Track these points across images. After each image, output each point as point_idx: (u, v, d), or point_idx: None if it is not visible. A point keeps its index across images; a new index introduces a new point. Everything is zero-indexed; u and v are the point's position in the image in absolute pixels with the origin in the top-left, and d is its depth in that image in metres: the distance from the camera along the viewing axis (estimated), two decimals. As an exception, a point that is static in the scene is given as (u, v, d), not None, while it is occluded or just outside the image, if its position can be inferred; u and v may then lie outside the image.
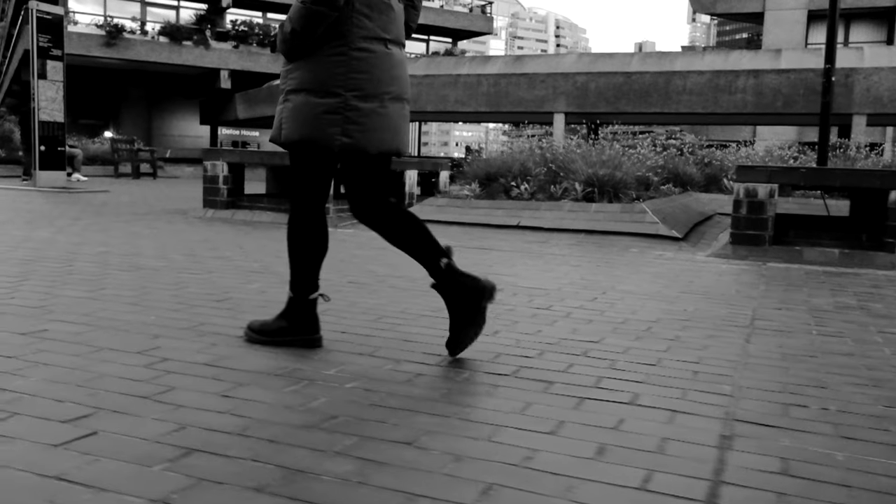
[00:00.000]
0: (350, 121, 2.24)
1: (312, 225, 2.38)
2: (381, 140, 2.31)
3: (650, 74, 19.33)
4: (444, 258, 2.35)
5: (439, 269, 2.34)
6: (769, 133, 25.64)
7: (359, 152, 2.29)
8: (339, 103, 2.23)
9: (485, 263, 4.74)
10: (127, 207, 8.43)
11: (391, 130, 2.33)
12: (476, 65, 22.26)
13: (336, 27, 2.22)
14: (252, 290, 3.51)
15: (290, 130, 2.30)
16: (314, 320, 2.45)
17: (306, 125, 2.26)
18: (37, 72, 11.18)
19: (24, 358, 2.18)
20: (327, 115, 2.24)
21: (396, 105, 2.35)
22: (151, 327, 2.64)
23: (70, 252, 4.53)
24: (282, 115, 2.33)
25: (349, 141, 2.25)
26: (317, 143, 2.26)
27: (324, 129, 2.24)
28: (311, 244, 2.39)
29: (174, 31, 28.18)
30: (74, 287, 3.37)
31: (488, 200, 7.20)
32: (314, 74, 2.25)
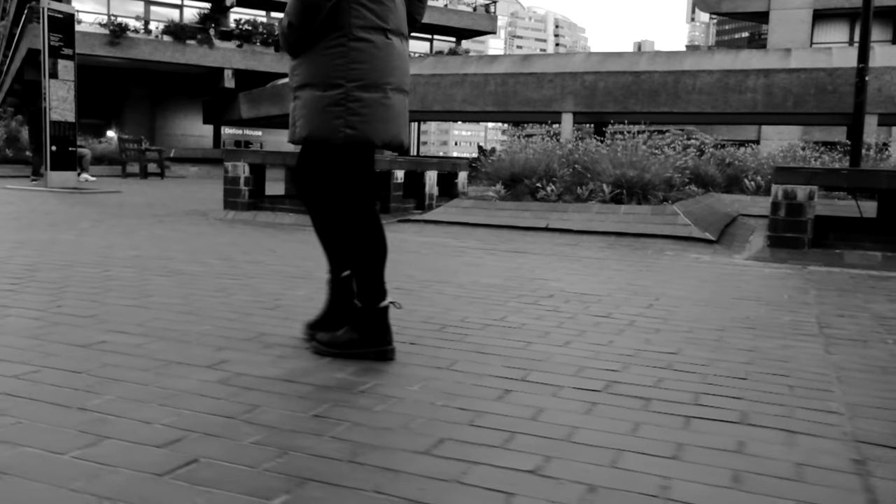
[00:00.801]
0: (353, 112, 2.21)
1: (365, 225, 2.31)
2: (386, 131, 2.28)
3: (659, 74, 19.24)
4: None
5: (338, 277, 2.45)
6: (774, 133, 25.57)
7: (363, 143, 2.25)
8: (341, 94, 2.20)
9: (525, 268, 4.64)
10: (144, 209, 8.31)
11: (395, 121, 2.30)
12: (483, 64, 22.16)
13: (334, 19, 2.20)
14: (299, 297, 3.40)
15: (300, 128, 2.28)
16: (385, 328, 2.34)
17: (313, 120, 2.24)
18: (48, 71, 11.05)
19: (93, 373, 2.08)
20: (331, 108, 2.21)
21: (399, 96, 2.31)
22: (211, 338, 2.54)
23: (102, 256, 4.42)
24: (294, 114, 2.31)
25: (353, 132, 2.22)
26: (324, 139, 2.23)
27: (329, 123, 2.21)
28: (371, 245, 2.31)
29: (178, 30, 28.05)
30: (119, 294, 3.26)
31: (514, 202, 7.09)
32: (316, 68, 2.23)
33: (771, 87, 18.13)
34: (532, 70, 20.80)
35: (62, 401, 1.83)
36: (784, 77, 18.05)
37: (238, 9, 30.24)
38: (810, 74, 17.88)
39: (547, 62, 21.57)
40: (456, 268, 4.55)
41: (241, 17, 29.90)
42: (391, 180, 7.81)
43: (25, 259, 4.19)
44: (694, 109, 18.95)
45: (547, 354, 2.50)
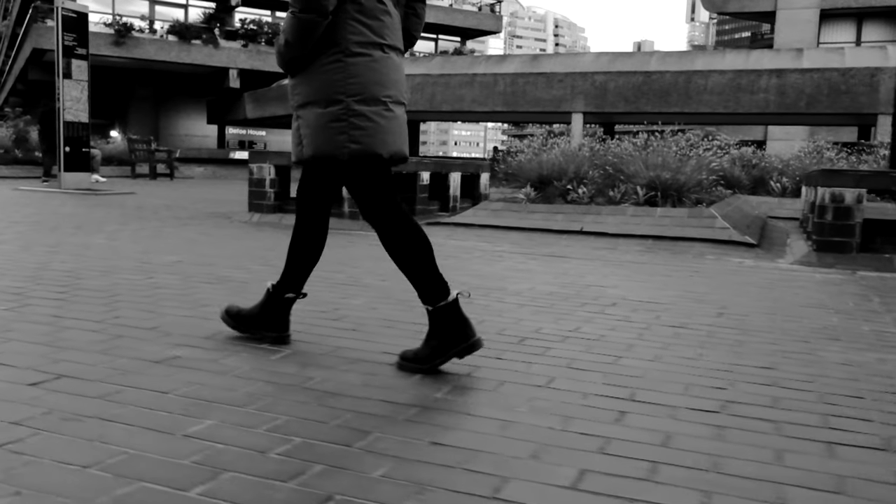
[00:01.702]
0: (355, 126, 2.20)
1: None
2: (391, 142, 2.27)
3: (670, 74, 19.13)
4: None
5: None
6: (781, 133, 25.44)
7: (370, 157, 2.23)
8: (342, 110, 2.20)
9: (573, 273, 4.52)
10: (164, 211, 8.18)
11: (397, 133, 2.30)
12: (492, 64, 22.04)
13: (330, 35, 2.20)
14: (358, 306, 3.28)
15: (307, 147, 2.27)
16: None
17: (317, 139, 2.23)
18: (62, 71, 10.92)
19: (180, 393, 1.95)
20: (333, 124, 2.20)
21: (399, 108, 2.32)
22: (291, 354, 2.41)
23: (141, 262, 4.29)
24: (299, 133, 2.30)
25: (357, 147, 2.20)
26: (329, 156, 2.23)
27: (332, 140, 2.21)
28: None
29: (183, 29, 27.90)
30: (173, 304, 3.13)
31: (545, 204, 6.97)
32: (315, 85, 2.23)
33: (783, 88, 18.02)
34: (542, 70, 20.68)
35: (162, 426, 1.70)
36: (797, 77, 17.94)
37: (243, 8, 30.10)
38: (823, 74, 17.77)
39: (556, 62, 21.44)
40: (502, 273, 4.42)
41: (247, 16, 29.75)
42: (417, 182, 7.68)
43: (64, 265, 4.06)
44: (705, 110, 18.84)
45: (642, 370, 2.37)
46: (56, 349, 2.33)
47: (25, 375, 2.05)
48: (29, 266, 3.97)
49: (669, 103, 19.06)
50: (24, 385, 1.97)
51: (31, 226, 6.08)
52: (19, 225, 6.09)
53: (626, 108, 19.62)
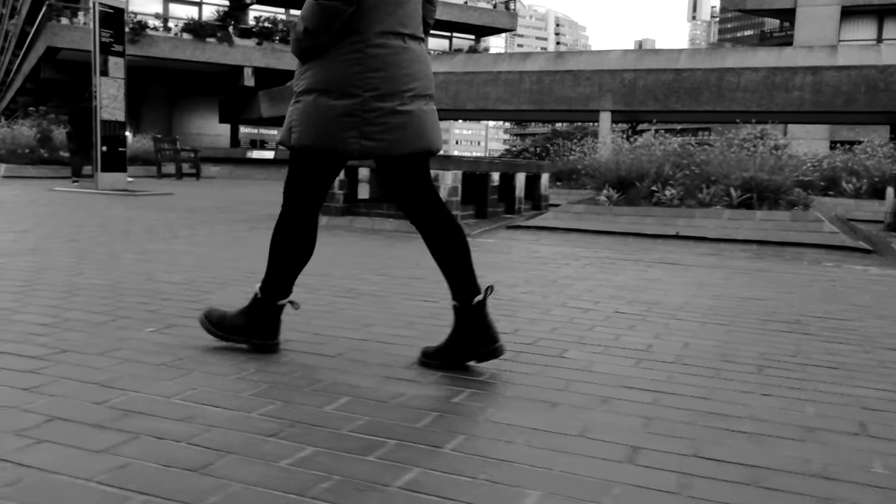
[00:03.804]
0: (369, 122, 2.09)
1: (302, 229, 2.26)
2: (405, 140, 2.15)
3: (702, 71, 18.80)
4: (478, 295, 2.22)
5: (468, 303, 2.22)
6: (802, 132, 25.12)
7: (383, 156, 2.15)
8: (357, 105, 2.08)
9: (709, 284, 4.18)
10: (218, 213, 7.85)
11: (415, 129, 2.16)
12: (516, 61, 21.71)
13: (350, 23, 2.07)
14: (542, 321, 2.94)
15: (301, 134, 2.14)
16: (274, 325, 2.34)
17: (320, 129, 2.11)
18: (99, 69, 10.57)
19: (427, 441, 1.62)
20: (344, 118, 2.09)
21: (419, 102, 2.18)
22: (457, 380, 2.08)
23: (246, 273, 3.95)
24: (292, 117, 2.18)
25: (370, 144, 2.11)
26: (331, 148, 2.12)
27: (339, 133, 2.10)
28: (296, 249, 2.27)
29: (198, 27, 27.54)
30: (334, 323, 2.79)
31: (631, 207, 6.63)
32: (329, 74, 2.10)
33: (819, 85, 17.69)
34: (568, 67, 20.35)
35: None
36: (833, 75, 17.61)
37: (257, 6, 29.73)
38: (861, 72, 17.44)
39: (582, 59, 21.10)
40: (636, 284, 4.08)
41: (261, 14, 29.39)
42: (488, 183, 7.35)
43: (170, 276, 3.72)
44: (738, 108, 18.49)
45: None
46: (273, 387, 1.99)
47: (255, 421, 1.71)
48: (137, 278, 3.63)
49: (701, 101, 18.74)
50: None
51: (99, 230, 5.73)
52: (86, 229, 5.75)
53: (656, 107, 19.29)
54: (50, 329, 2.53)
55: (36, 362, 2.13)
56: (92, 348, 2.31)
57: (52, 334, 2.46)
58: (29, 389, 1.88)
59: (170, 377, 2.04)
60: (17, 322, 2.61)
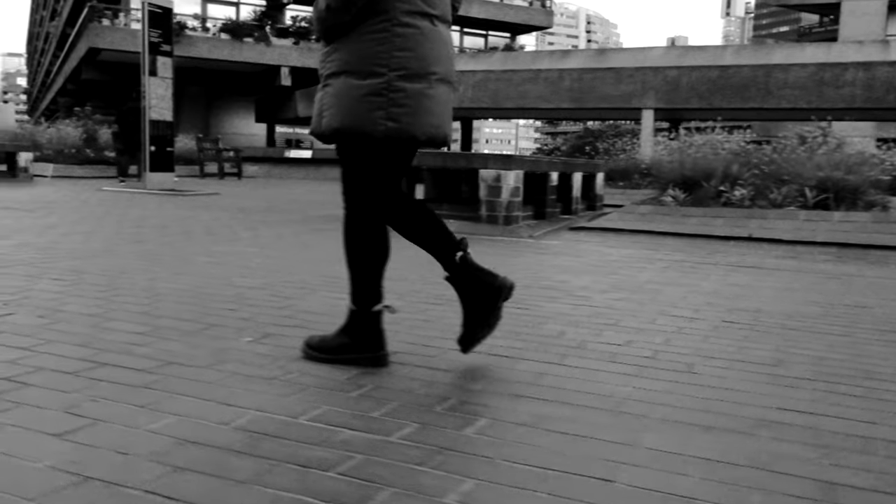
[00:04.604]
0: (395, 103, 2.01)
1: (370, 227, 2.14)
2: (430, 125, 2.08)
3: (748, 68, 18.39)
4: (458, 251, 2.19)
5: (453, 263, 2.20)
6: (848, 129, 24.50)
7: (406, 139, 2.06)
8: (383, 84, 2.01)
9: (805, 288, 3.97)
10: (271, 213, 7.77)
11: (439, 115, 2.11)
12: (556, 59, 21.44)
13: (376, 2, 2.00)
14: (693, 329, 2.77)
15: (330, 118, 2.07)
16: (378, 335, 2.19)
17: (348, 111, 2.03)
18: (147, 68, 10.58)
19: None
20: (370, 98, 2.01)
21: (444, 87, 2.12)
22: (587, 399, 1.91)
23: (329, 278, 3.83)
24: (322, 103, 2.11)
25: (395, 125, 2.02)
26: (360, 131, 2.03)
27: (367, 115, 2.01)
28: (371, 249, 2.15)
29: (235, 28, 27.73)
30: (415, 325, 2.65)
31: (699, 208, 6.41)
32: (355, 54, 2.03)
33: (872, 81, 17.20)
34: (609, 65, 20.05)
35: None
36: (886, 70, 17.10)
37: (294, 6, 29.82)
38: (915, 67, 16.91)
39: (624, 56, 20.78)
40: (733, 292, 3.88)
41: (298, 14, 29.48)
42: (547, 183, 7.17)
43: (246, 281, 3.60)
44: (786, 105, 18.09)
45: None
46: (423, 412, 1.85)
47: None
48: (215, 282, 3.53)
49: (747, 99, 18.34)
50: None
51: (160, 231, 5.67)
52: (147, 230, 5.69)
53: (700, 104, 18.93)
54: (146, 338, 2.42)
55: (144, 376, 2.01)
56: (195, 360, 2.19)
57: (150, 344, 2.35)
58: (146, 407, 1.76)
59: (288, 393, 1.91)
60: (111, 330, 2.50)
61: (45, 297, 2.99)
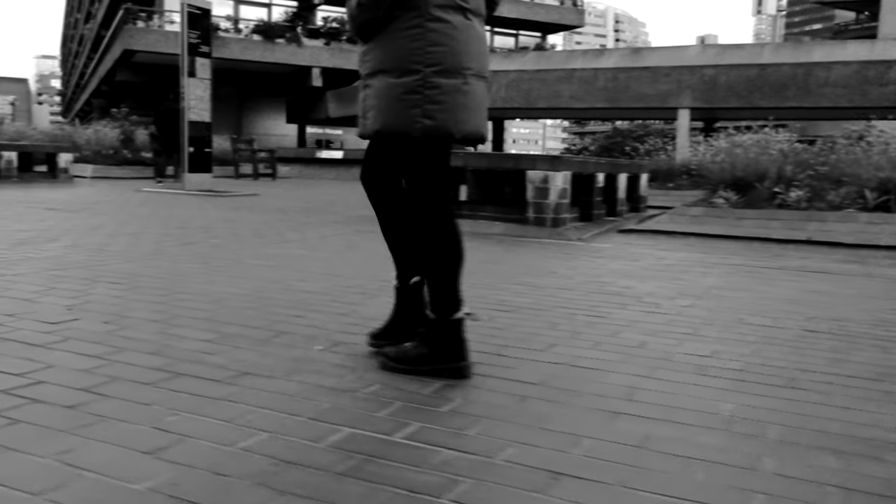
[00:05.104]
0: (431, 100, 1.98)
1: (443, 231, 2.08)
2: (467, 121, 2.04)
3: (788, 66, 18.03)
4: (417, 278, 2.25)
5: (407, 282, 2.27)
6: (888, 127, 23.93)
7: (442, 136, 2.02)
8: (418, 81, 1.97)
9: (888, 296, 3.79)
10: (313, 214, 7.73)
11: (475, 111, 2.07)
12: (590, 58, 21.22)
13: None
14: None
15: (373, 119, 2.06)
16: (460, 345, 2.10)
17: (387, 111, 2.02)
18: (186, 70, 10.61)
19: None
20: (407, 97, 1.98)
21: (479, 83, 2.08)
22: (704, 420, 1.79)
23: (384, 281, 3.75)
24: (365, 104, 2.09)
25: (431, 123, 1.98)
26: (399, 130, 2.01)
27: (405, 113, 1.99)
28: (449, 251, 2.08)
29: (267, 29, 27.86)
30: (488, 334, 2.55)
31: (753, 210, 6.23)
32: (390, 53, 2.01)
33: (918, 79, 16.76)
34: (645, 64, 19.80)
35: None
36: (933, 68, 16.65)
37: (325, 6, 29.90)
38: (964, 64, 16.45)
39: (660, 55, 20.50)
40: (808, 298, 3.73)
41: (329, 14, 29.55)
42: (594, 184, 7.03)
43: (307, 285, 3.53)
44: (827, 104, 17.70)
45: None
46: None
47: (512, 472, 1.47)
48: (274, 287, 3.46)
49: (786, 98, 17.98)
50: (538, 493, 1.38)
51: (206, 232, 5.63)
52: (192, 231, 5.65)
53: (738, 104, 18.60)
54: (216, 346, 2.34)
55: (223, 387, 1.93)
56: (271, 370, 2.11)
57: (222, 353, 2.27)
58: (232, 422, 1.68)
59: (375, 409, 1.82)
60: (180, 338, 2.43)
61: (107, 302, 2.94)
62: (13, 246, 4.49)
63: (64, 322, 2.57)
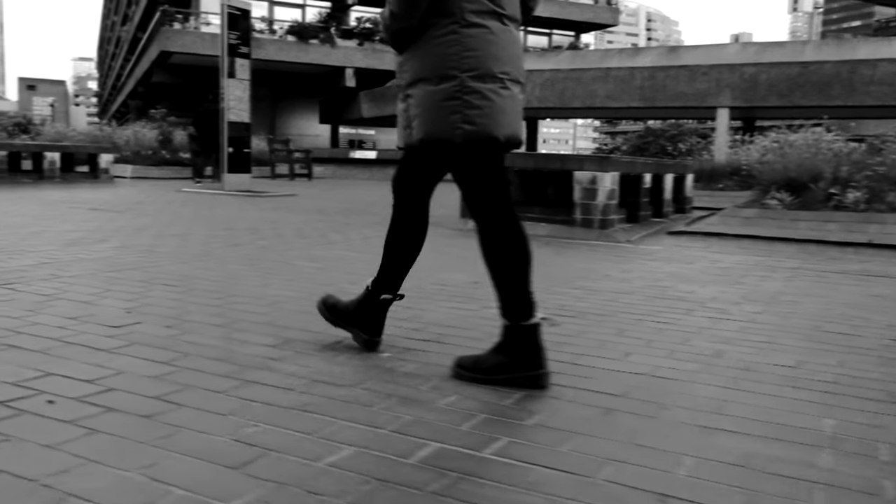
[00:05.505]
0: (470, 105, 1.95)
1: (506, 236, 2.05)
2: (508, 124, 2.02)
3: (831, 64, 17.63)
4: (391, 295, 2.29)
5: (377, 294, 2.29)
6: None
7: (485, 140, 1.98)
8: (456, 87, 1.95)
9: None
10: (353, 215, 7.69)
11: (513, 115, 2.04)
12: (626, 57, 20.98)
13: (442, 4, 1.96)
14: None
15: (416, 129, 2.03)
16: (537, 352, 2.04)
17: (429, 120, 2.00)
18: (226, 70, 10.65)
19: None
20: (446, 103, 1.96)
21: (516, 88, 2.06)
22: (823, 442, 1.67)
23: (438, 284, 3.67)
24: (408, 114, 2.06)
25: (472, 128, 1.96)
26: (441, 137, 1.99)
27: (445, 120, 1.96)
28: (512, 259, 2.04)
29: (301, 30, 28.01)
30: (558, 342, 2.45)
31: (808, 212, 6.04)
32: (426, 61, 1.99)
33: (967, 77, 16.28)
34: (682, 62, 19.51)
35: None
36: (984, 65, 16.16)
37: (359, 7, 29.98)
38: None
39: (697, 54, 20.19)
40: (879, 305, 3.58)
41: (363, 15, 29.63)
42: (640, 185, 6.89)
43: (359, 289, 3.45)
44: (872, 102, 17.27)
45: None
46: (573, 436, 1.66)
47: (617, 495, 1.38)
48: (327, 290, 3.40)
49: (830, 96, 17.58)
50: None
51: (251, 233, 5.61)
52: (238, 232, 5.63)
53: (779, 102, 18.24)
54: (281, 352, 2.28)
55: (297, 397, 1.87)
56: (341, 378, 2.04)
57: (288, 359, 2.21)
58: (313, 435, 1.61)
59: (457, 421, 1.74)
60: (243, 343, 2.38)
61: (165, 305, 2.90)
62: (64, 246, 4.50)
63: (126, 326, 2.53)
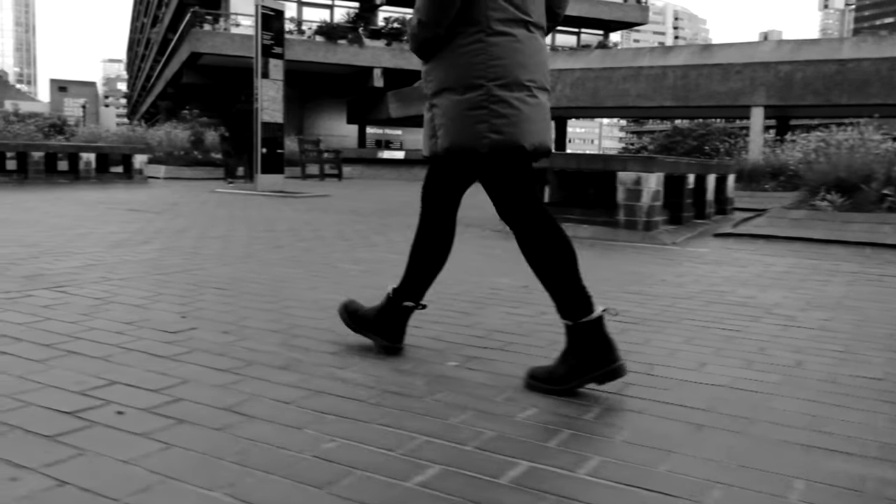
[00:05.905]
0: (497, 114, 1.94)
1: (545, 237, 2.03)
2: (535, 133, 2.00)
3: (870, 61, 17.26)
4: (414, 303, 2.30)
5: (400, 301, 2.30)
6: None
7: (513, 149, 1.97)
8: (483, 96, 1.94)
9: None
10: (389, 216, 7.63)
11: (543, 122, 2.03)
12: (657, 56, 20.73)
13: (468, 13, 1.95)
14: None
15: (442, 138, 2.03)
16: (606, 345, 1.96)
17: (455, 129, 1.99)
18: (260, 71, 10.66)
19: None
20: (472, 112, 1.95)
21: (543, 95, 2.05)
22: None
23: (490, 289, 3.58)
24: (433, 124, 2.06)
25: (499, 137, 1.95)
26: (466, 147, 1.98)
27: (471, 129, 1.96)
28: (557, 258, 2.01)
29: (330, 30, 28.08)
30: (627, 350, 2.35)
31: (861, 213, 5.87)
32: (452, 70, 1.99)
33: None
34: (715, 61, 19.22)
35: None
36: None
37: (386, 7, 29.99)
38: None
39: (731, 52, 19.88)
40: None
41: (391, 15, 29.63)
42: (684, 186, 6.74)
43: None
44: (913, 101, 16.86)
45: None
46: (669, 456, 1.56)
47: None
48: (378, 294, 3.32)
49: (869, 94, 17.21)
50: None
51: (292, 234, 5.56)
52: (279, 234, 5.59)
53: (816, 101, 17.89)
54: (345, 360, 2.21)
55: (370, 409, 1.79)
56: (412, 389, 1.97)
57: (353, 367, 2.14)
58: (395, 452, 1.53)
59: (543, 438, 1.65)
60: (304, 350, 2.31)
61: (218, 310, 2.84)
62: (109, 248, 4.48)
63: (182, 331, 2.47)
